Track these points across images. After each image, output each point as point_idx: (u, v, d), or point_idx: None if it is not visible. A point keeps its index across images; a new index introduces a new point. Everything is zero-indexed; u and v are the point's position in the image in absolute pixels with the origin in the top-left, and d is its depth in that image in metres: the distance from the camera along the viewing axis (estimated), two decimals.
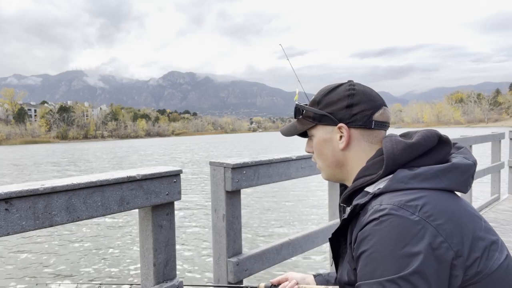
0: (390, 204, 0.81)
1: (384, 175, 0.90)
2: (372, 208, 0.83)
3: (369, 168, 0.94)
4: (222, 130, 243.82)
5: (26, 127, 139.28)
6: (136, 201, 1.49)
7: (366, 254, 0.80)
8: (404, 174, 0.86)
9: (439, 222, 0.78)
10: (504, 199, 5.95)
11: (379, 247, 0.78)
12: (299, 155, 2.27)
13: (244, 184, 1.94)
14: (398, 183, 0.85)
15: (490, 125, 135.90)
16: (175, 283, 1.66)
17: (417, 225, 0.77)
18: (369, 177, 0.92)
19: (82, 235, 8.71)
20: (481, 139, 5.28)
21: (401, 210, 0.79)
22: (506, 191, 6.27)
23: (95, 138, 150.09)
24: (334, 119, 0.99)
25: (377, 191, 0.87)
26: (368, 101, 0.98)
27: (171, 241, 1.67)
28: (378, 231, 0.79)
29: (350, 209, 0.90)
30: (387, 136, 0.97)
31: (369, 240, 0.80)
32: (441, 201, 0.83)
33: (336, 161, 1.02)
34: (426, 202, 0.81)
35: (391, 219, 0.78)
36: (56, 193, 1.26)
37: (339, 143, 1.00)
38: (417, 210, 0.79)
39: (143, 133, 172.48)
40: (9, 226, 1.16)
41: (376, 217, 0.81)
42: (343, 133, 0.98)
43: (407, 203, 0.80)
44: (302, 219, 9.61)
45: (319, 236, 2.43)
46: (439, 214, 0.79)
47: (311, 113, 1.04)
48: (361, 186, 0.94)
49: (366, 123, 0.97)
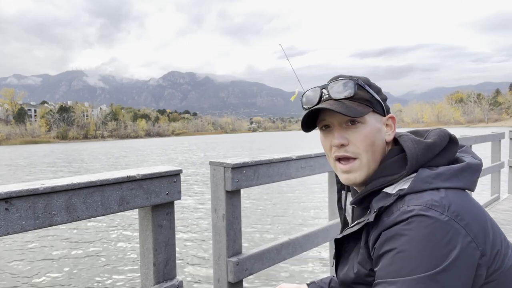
0: (418, 205, 0.80)
1: (407, 175, 0.88)
2: (399, 210, 0.82)
3: (387, 168, 0.92)
4: (222, 130, 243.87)
5: (26, 127, 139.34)
6: (136, 200, 1.49)
7: (393, 253, 0.79)
8: (427, 173, 0.86)
9: (467, 221, 0.78)
10: (504, 199, 5.94)
11: (408, 246, 0.77)
12: (299, 155, 2.27)
13: (244, 184, 1.94)
14: (422, 183, 0.84)
15: (490, 125, 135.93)
16: (175, 283, 1.66)
17: (447, 225, 0.77)
18: (390, 177, 0.90)
19: (81, 235, 8.72)
20: (481, 139, 5.28)
21: (430, 211, 0.78)
22: (506, 191, 6.26)
23: (95, 138, 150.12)
24: (385, 108, 0.97)
25: (401, 192, 0.85)
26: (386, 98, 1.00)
27: (171, 241, 1.67)
28: (407, 230, 0.78)
29: (375, 212, 0.86)
30: (404, 135, 0.95)
31: (396, 239, 0.79)
32: (463, 200, 0.83)
33: (382, 155, 0.95)
34: (452, 202, 0.80)
35: (421, 220, 0.77)
36: (56, 193, 1.26)
37: (386, 135, 0.96)
38: (446, 210, 0.78)
39: (143, 133, 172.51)
40: (9, 226, 1.16)
41: (404, 218, 0.79)
42: (390, 124, 0.97)
43: (435, 203, 0.79)
44: (302, 219, 9.61)
45: (319, 236, 2.42)
46: (465, 214, 0.79)
47: (369, 96, 0.94)
48: (380, 187, 0.91)
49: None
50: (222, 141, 77.52)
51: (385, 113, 0.97)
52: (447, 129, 0.96)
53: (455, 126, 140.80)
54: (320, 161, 2.41)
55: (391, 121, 0.97)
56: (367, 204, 0.94)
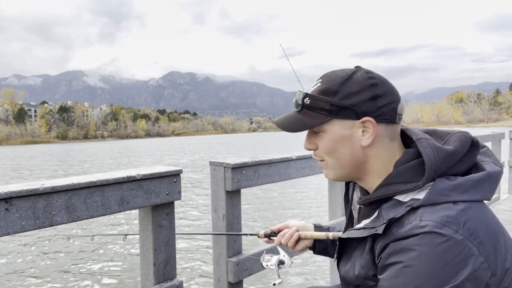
0: (433, 221, 0.75)
1: (424, 185, 0.82)
2: (411, 223, 0.77)
3: (402, 174, 0.86)
4: (222, 130, 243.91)
5: (26, 127, 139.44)
6: (136, 201, 1.50)
7: (399, 266, 0.76)
8: (445, 185, 0.80)
9: (480, 239, 0.75)
10: (504, 199, 5.94)
11: (417, 262, 0.74)
12: (299, 155, 2.27)
13: (244, 184, 1.94)
14: (438, 195, 0.79)
15: (490, 125, 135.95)
16: (175, 283, 1.66)
17: (461, 244, 0.73)
18: (404, 186, 0.84)
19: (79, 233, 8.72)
20: (481, 139, 5.25)
21: (445, 228, 0.74)
22: (506, 191, 6.26)
23: (95, 138, 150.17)
24: (358, 113, 0.87)
25: (415, 203, 0.80)
26: (392, 93, 0.88)
27: (171, 241, 1.67)
28: (418, 246, 0.75)
29: (384, 224, 0.82)
30: (422, 138, 0.87)
31: (405, 253, 0.76)
32: (479, 215, 0.79)
33: (355, 160, 0.91)
34: (468, 218, 0.76)
35: (433, 237, 0.74)
36: (56, 193, 1.26)
37: (361, 140, 0.88)
38: (461, 228, 0.74)
39: (143, 133, 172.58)
40: (9, 226, 1.16)
41: (416, 233, 0.75)
42: (367, 128, 0.87)
43: (450, 220, 0.75)
44: (302, 219, 9.61)
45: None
46: (480, 231, 0.76)
47: (327, 105, 0.89)
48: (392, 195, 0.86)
49: (393, 117, 0.88)
50: (219, 142, 77.24)
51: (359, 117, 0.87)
52: (469, 133, 0.89)
53: (455, 126, 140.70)
54: None
55: (368, 124, 0.87)
56: (375, 206, 0.91)
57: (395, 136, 0.91)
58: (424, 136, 0.89)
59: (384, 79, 0.90)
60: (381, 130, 0.88)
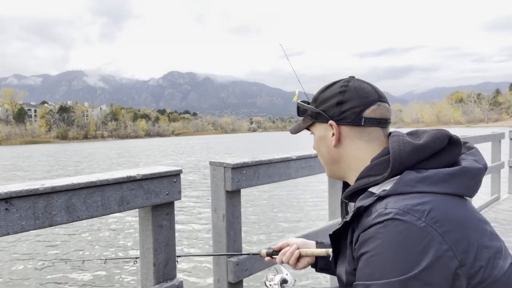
0: (396, 208, 0.78)
1: (389, 177, 0.86)
2: (377, 211, 0.81)
3: (373, 168, 0.92)
4: (222, 130, 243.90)
5: (26, 127, 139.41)
6: (136, 201, 1.50)
7: (367, 256, 0.79)
8: (411, 176, 0.83)
9: (445, 228, 0.76)
10: (504, 199, 5.94)
11: (381, 250, 0.76)
12: (299, 155, 2.27)
13: (244, 184, 1.94)
14: (404, 186, 0.82)
15: (490, 125, 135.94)
16: (175, 283, 1.66)
17: (422, 231, 0.75)
18: (373, 178, 0.90)
19: (81, 234, 8.72)
20: (481, 139, 5.28)
21: (407, 215, 0.76)
22: (506, 191, 6.26)
23: (95, 138, 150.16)
24: (326, 116, 0.99)
25: (382, 193, 0.84)
26: (358, 98, 0.95)
27: (171, 241, 1.67)
28: (382, 234, 0.77)
29: (354, 211, 0.87)
30: (394, 135, 0.93)
31: (371, 242, 0.78)
32: (449, 206, 0.80)
33: (332, 158, 1.03)
34: (433, 207, 0.78)
35: (396, 224, 0.76)
36: (56, 193, 1.26)
37: (331, 140, 0.99)
38: (424, 216, 0.76)
39: (143, 133, 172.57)
40: (9, 226, 1.16)
41: (380, 220, 0.78)
42: (334, 130, 0.98)
43: (414, 208, 0.77)
44: (302, 219, 9.61)
45: (319, 236, 2.42)
46: (446, 221, 0.77)
47: (310, 111, 1.05)
48: (364, 186, 0.91)
49: (355, 120, 0.95)
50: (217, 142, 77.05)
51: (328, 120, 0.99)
52: (448, 130, 0.91)
53: (455, 126, 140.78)
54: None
55: (333, 127, 0.98)
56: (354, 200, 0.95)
57: (371, 137, 0.96)
58: (398, 133, 0.95)
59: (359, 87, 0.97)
60: (346, 132, 0.98)
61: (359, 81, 0.99)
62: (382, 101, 0.96)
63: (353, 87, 0.97)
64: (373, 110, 0.95)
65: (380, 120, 0.96)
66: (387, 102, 0.98)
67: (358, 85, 0.97)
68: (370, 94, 0.96)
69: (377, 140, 0.96)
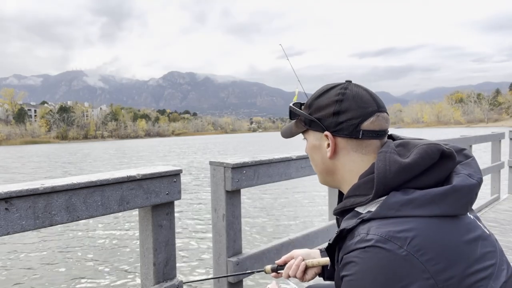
0: (377, 235, 0.75)
1: (374, 198, 0.83)
2: (359, 235, 0.78)
3: (360, 187, 0.88)
4: (222, 130, 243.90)
5: (26, 127, 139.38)
6: (136, 200, 1.50)
7: (347, 279, 0.78)
8: (396, 199, 0.79)
9: (428, 257, 0.73)
10: (504, 199, 5.94)
11: (360, 276, 0.75)
12: (299, 155, 2.27)
13: (244, 184, 1.94)
14: (388, 209, 0.79)
15: (490, 125, 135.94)
16: (175, 283, 1.66)
17: (403, 261, 0.72)
18: (359, 199, 0.86)
19: (81, 234, 8.72)
20: (481, 139, 5.28)
21: (389, 243, 0.74)
22: (506, 191, 6.26)
23: (95, 138, 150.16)
24: (322, 126, 0.93)
25: (366, 215, 0.81)
26: (357, 108, 0.90)
27: (171, 240, 1.67)
28: (362, 260, 0.76)
29: (337, 234, 0.85)
30: (382, 152, 0.87)
31: (352, 266, 0.77)
32: (434, 232, 0.76)
33: (326, 169, 0.98)
34: (417, 235, 0.74)
35: (377, 251, 0.74)
36: (56, 193, 1.26)
37: (326, 151, 0.94)
38: (406, 244, 0.73)
39: (143, 133, 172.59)
40: (9, 226, 1.16)
41: (361, 246, 0.76)
42: (329, 141, 0.93)
43: (396, 235, 0.74)
44: (302, 219, 9.61)
45: (319, 236, 2.43)
46: (429, 248, 0.74)
47: (302, 117, 0.99)
48: (350, 207, 0.89)
49: (353, 133, 0.90)
50: (215, 142, 76.93)
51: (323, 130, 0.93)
52: (440, 144, 0.86)
53: (455, 126, 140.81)
54: None
55: (329, 138, 0.92)
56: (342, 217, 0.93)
57: (367, 150, 0.91)
58: (387, 149, 0.88)
59: (357, 95, 0.91)
60: (343, 144, 0.92)
61: (357, 88, 0.93)
62: (380, 111, 0.91)
63: (351, 95, 0.91)
64: (371, 122, 0.90)
65: (379, 132, 0.91)
66: (385, 111, 0.93)
67: (356, 93, 0.92)
68: (368, 104, 0.90)
69: (374, 153, 0.92)
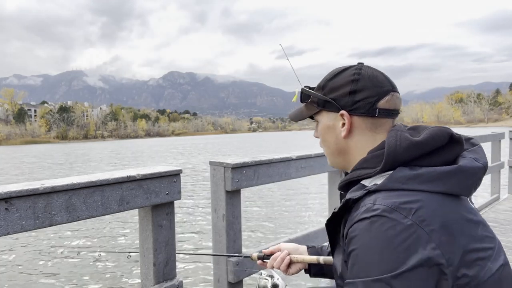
0: (383, 205, 0.76)
1: (381, 171, 0.85)
2: (365, 206, 0.79)
3: (368, 160, 0.90)
4: (222, 130, 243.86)
5: (26, 127, 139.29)
6: (136, 200, 1.50)
7: (354, 253, 0.78)
8: (403, 173, 0.81)
9: (433, 227, 0.74)
10: (504, 199, 5.94)
11: (367, 247, 0.76)
12: (299, 155, 2.27)
13: (244, 184, 1.94)
14: (395, 182, 0.80)
15: (490, 125, 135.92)
16: (175, 283, 1.66)
17: (408, 230, 0.73)
18: (366, 171, 0.88)
19: (81, 234, 8.72)
20: (481, 139, 5.28)
21: (394, 213, 0.75)
22: (506, 191, 6.26)
23: (95, 138, 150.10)
24: (337, 106, 0.94)
25: (373, 187, 0.82)
26: (373, 87, 0.92)
27: (171, 240, 1.67)
28: (367, 231, 0.76)
29: (342, 203, 0.86)
30: (394, 129, 0.90)
31: (358, 239, 0.77)
32: (438, 206, 0.78)
33: (339, 149, 0.99)
34: (422, 206, 0.76)
35: (383, 221, 0.75)
36: (56, 193, 1.26)
37: (341, 131, 0.95)
38: (411, 214, 0.75)
39: (143, 133, 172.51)
40: (9, 226, 1.16)
41: (367, 216, 0.77)
42: (345, 120, 0.94)
43: (401, 205, 0.76)
44: (302, 219, 9.61)
45: (319, 236, 2.43)
46: (433, 219, 0.75)
47: (316, 98, 1.00)
48: (357, 178, 0.90)
49: (370, 111, 0.91)
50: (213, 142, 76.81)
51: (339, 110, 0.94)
52: (449, 128, 0.88)
53: (455, 126, 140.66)
54: (320, 161, 2.41)
55: (343, 117, 0.94)
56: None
57: (381, 129, 0.93)
58: (398, 128, 0.91)
59: (372, 75, 0.94)
60: (358, 123, 0.94)
61: (371, 69, 0.96)
62: (394, 91, 0.94)
63: (367, 75, 0.93)
64: (387, 100, 0.92)
65: (393, 111, 0.94)
66: (398, 91, 0.96)
67: (371, 73, 0.94)
68: (384, 84, 0.93)
69: (386, 133, 0.93)
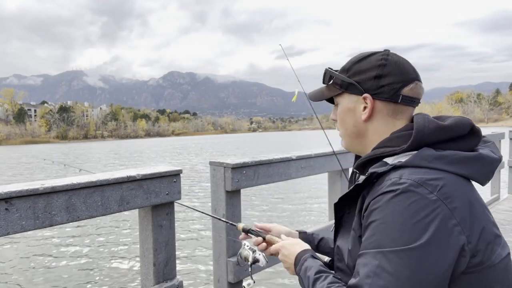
0: (410, 180, 0.79)
1: (408, 149, 0.87)
2: (391, 180, 0.82)
3: (393, 140, 0.92)
4: (222, 130, 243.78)
5: (26, 127, 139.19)
6: (136, 201, 1.50)
7: (375, 224, 0.80)
8: (430, 153, 0.84)
9: (455, 205, 0.78)
10: (504, 199, 5.94)
11: (390, 218, 0.78)
12: (299, 155, 2.27)
13: (244, 184, 1.94)
14: (421, 160, 0.83)
15: (490, 125, 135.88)
16: (175, 283, 1.66)
17: (433, 205, 0.76)
18: (391, 149, 0.90)
19: (81, 234, 8.71)
20: None
21: (420, 188, 0.78)
22: (506, 191, 6.26)
23: (95, 138, 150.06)
24: (360, 89, 0.96)
25: (398, 163, 0.84)
26: (399, 74, 0.94)
27: (171, 241, 1.67)
28: (392, 203, 0.78)
29: (367, 176, 0.87)
30: (420, 114, 0.93)
31: (381, 210, 0.80)
32: (460, 186, 0.82)
33: (357, 132, 1.00)
34: (446, 184, 0.79)
35: (409, 195, 0.78)
36: (56, 193, 1.26)
37: (362, 114, 0.97)
38: (436, 190, 0.78)
39: (143, 133, 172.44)
40: (9, 226, 1.16)
41: (394, 189, 0.79)
42: (367, 104, 0.95)
43: (428, 182, 0.79)
44: (302, 219, 9.61)
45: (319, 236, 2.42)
46: (456, 198, 0.79)
47: (339, 80, 1.00)
48: (380, 155, 0.91)
49: (393, 96, 0.93)
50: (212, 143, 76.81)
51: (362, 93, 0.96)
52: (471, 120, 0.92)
53: None
54: (320, 161, 2.41)
55: (366, 100, 0.95)
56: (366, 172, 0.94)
57: (401, 116, 0.95)
58: (425, 114, 0.93)
59: (399, 62, 0.96)
60: (380, 108, 0.95)
61: (398, 56, 0.97)
62: (419, 80, 0.96)
63: (393, 61, 0.95)
64: (411, 88, 0.94)
65: (415, 100, 0.95)
66: (421, 82, 0.98)
67: (398, 60, 0.96)
68: (409, 72, 0.95)
69: (406, 120, 0.95)
